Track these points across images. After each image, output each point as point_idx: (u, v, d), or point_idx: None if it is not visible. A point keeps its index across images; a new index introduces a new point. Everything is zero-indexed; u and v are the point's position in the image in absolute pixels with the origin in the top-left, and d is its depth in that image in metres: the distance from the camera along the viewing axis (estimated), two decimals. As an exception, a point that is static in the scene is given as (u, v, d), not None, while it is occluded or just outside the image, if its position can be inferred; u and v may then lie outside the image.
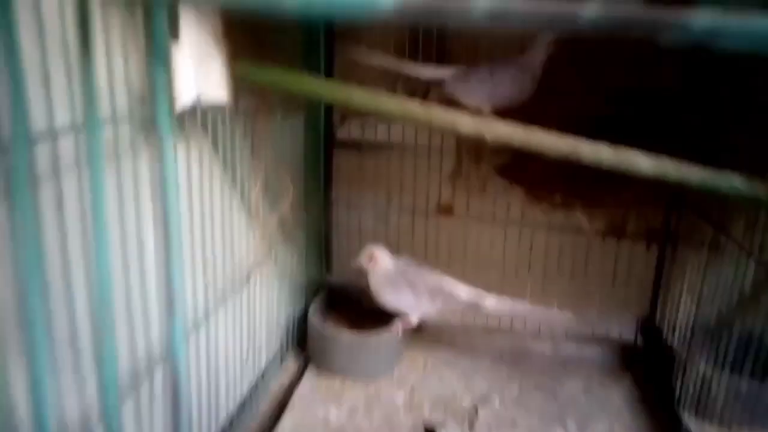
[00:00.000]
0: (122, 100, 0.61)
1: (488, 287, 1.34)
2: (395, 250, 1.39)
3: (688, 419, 1.01)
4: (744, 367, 0.91)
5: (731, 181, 0.63)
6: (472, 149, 1.25)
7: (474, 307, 1.11)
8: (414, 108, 0.68)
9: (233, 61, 0.72)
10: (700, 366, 0.99)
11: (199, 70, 0.67)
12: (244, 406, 1.02)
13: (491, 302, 1.11)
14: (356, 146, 1.34)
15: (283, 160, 1.06)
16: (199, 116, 0.73)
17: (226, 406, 0.96)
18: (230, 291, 0.91)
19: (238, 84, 0.76)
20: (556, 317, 1.12)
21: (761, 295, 0.80)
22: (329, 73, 1.23)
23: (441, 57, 1.20)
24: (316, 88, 0.73)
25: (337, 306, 1.38)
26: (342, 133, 1.35)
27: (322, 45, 1.21)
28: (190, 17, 0.65)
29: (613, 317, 1.30)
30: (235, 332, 0.95)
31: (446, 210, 1.30)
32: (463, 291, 1.13)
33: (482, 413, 1.05)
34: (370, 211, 1.38)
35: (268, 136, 0.99)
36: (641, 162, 0.65)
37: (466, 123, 0.67)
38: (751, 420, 0.97)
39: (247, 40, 0.88)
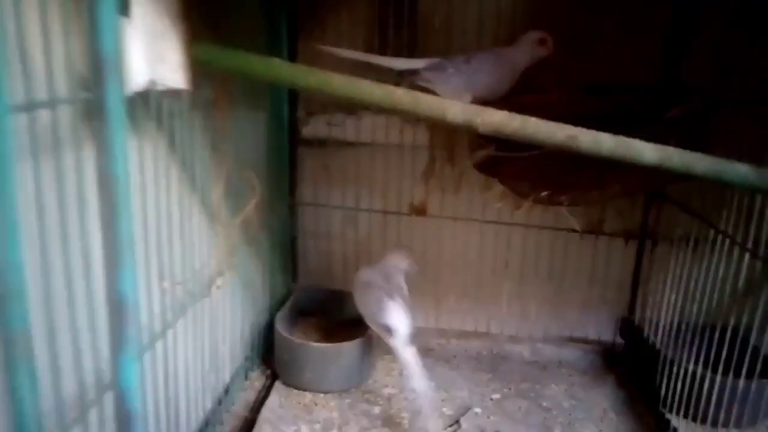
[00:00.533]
0: (62, 83, 0.53)
1: (464, 288, 1.30)
2: (366, 253, 1.33)
3: (677, 421, 0.98)
4: (735, 366, 0.88)
5: (737, 170, 0.60)
6: (446, 147, 1.20)
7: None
8: (399, 95, 0.62)
9: (192, 43, 0.64)
10: (689, 366, 0.96)
11: (153, 51, 0.59)
12: (206, 426, 0.93)
13: (406, 352, 0.98)
14: (323, 145, 1.27)
15: (245, 159, 0.98)
16: (153, 105, 0.64)
17: (187, 425, 0.87)
18: (190, 300, 0.82)
19: (197, 73, 0.68)
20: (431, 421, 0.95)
21: (757, 290, 0.77)
22: (293, 67, 1.16)
23: (412, 48, 1.14)
24: (288, 73, 0.66)
25: (305, 314, 1.30)
26: (307, 130, 1.28)
27: (285, 37, 1.14)
28: (141, -10, 0.57)
29: (592, 317, 1.26)
30: (195, 345, 0.86)
31: (419, 210, 1.24)
32: (393, 321, 1.00)
33: (465, 424, 0.99)
34: (339, 213, 1.31)
35: (229, 132, 0.91)
36: (644, 150, 0.60)
37: (456, 111, 0.61)
38: (743, 420, 0.94)
39: (204, 31, 0.80)
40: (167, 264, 0.73)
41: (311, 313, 1.30)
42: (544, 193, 0.89)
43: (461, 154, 1.18)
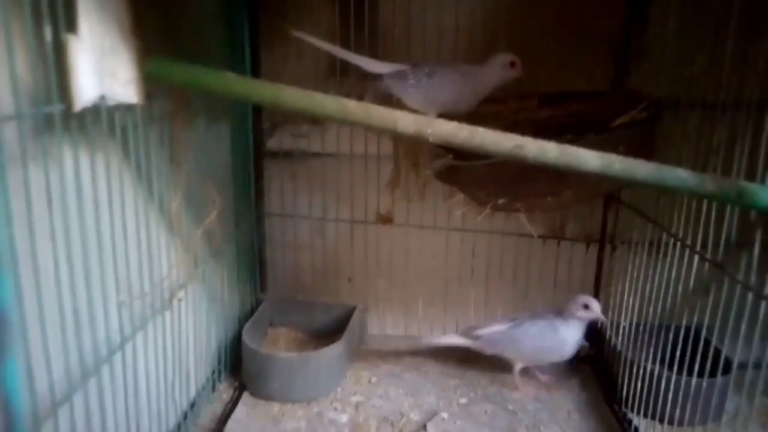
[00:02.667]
0: (7, 99, 0.53)
1: (432, 296, 1.31)
2: (334, 262, 1.34)
3: (638, 420, 1.00)
4: (690, 365, 0.91)
5: (677, 175, 0.62)
6: (410, 156, 1.21)
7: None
8: (351, 107, 0.63)
9: (144, 57, 0.64)
10: (647, 366, 0.99)
11: (102, 66, 0.59)
12: (171, 442, 0.92)
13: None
14: (288, 156, 1.28)
15: (207, 171, 0.98)
16: (104, 119, 0.64)
17: (151, 441, 0.86)
18: (150, 313, 0.82)
19: (152, 85, 0.68)
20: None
21: (707, 291, 0.80)
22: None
23: (373, 57, 1.15)
24: (240, 87, 0.67)
25: (274, 325, 1.30)
26: (273, 143, 1.28)
27: (247, 49, 1.14)
28: (90, 5, 0.57)
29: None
30: (157, 359, 0.86)
31: (386, 219, 1.25)
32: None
33: (432, 429, 1.00)
34: (306, 223, 1.32)
35: (189, 144, 0.91)
36: (587, 158, 0.62)
37: (407, 122, 0.63)
38: (698, 418, 0.97)
39: (160, 40, 0.81)
40: (124, 277, 0.73)
41: (280, 323, 1.30)
42: (500, 201, 0.90)
43: (425, 164, 1.20)
